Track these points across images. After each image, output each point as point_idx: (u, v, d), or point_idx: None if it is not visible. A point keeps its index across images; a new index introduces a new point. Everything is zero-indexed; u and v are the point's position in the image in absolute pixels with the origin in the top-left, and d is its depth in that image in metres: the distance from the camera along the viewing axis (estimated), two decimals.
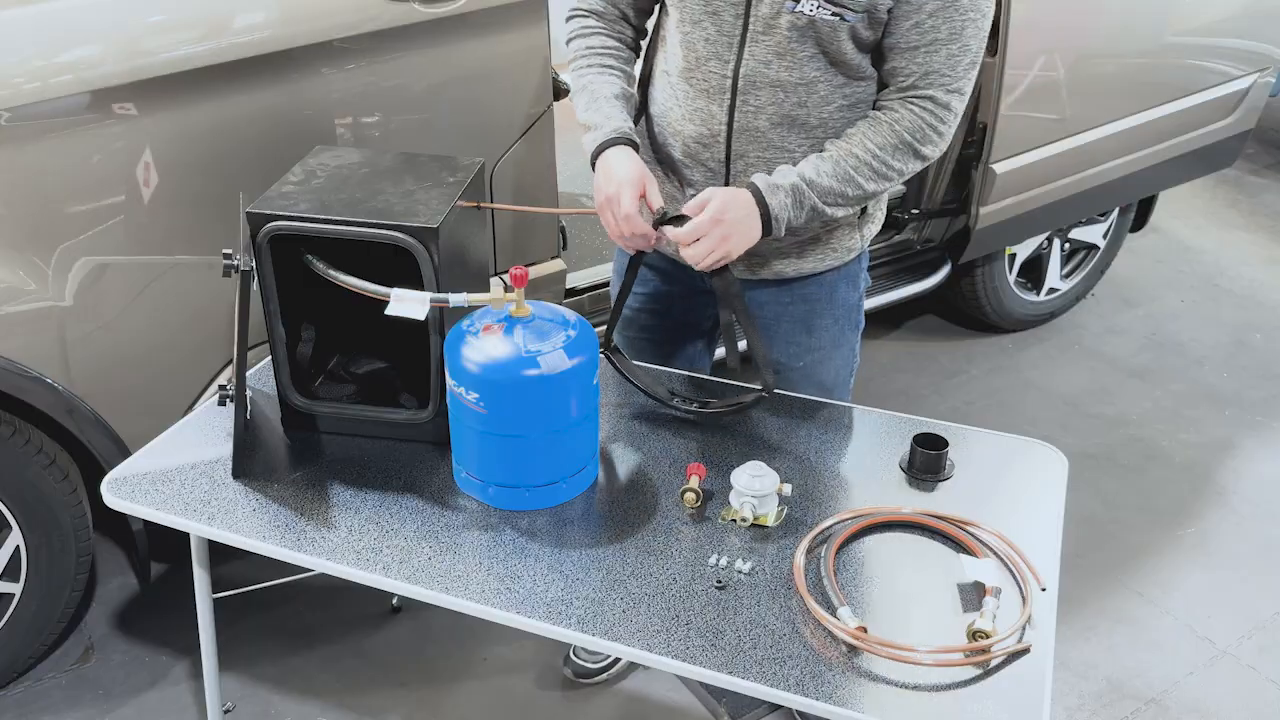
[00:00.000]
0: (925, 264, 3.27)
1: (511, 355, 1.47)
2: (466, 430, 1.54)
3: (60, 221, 1.90)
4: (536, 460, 1.53)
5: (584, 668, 2.25)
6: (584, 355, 1.51)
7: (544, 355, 1.47)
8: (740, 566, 1.45)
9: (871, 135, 1.56)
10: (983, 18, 1.51)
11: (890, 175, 1.58)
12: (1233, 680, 2.34)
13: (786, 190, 1.56)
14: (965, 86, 1.55)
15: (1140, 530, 2.76)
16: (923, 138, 1.56)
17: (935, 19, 1.49)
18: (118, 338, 2.01)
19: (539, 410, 1.50)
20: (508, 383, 1.47)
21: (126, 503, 1.57)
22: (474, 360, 1.48)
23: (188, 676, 2.26)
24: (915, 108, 1.55)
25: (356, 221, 1.54)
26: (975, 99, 2.92)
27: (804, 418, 1.78)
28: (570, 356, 1.49)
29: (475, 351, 1.48)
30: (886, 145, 1.56)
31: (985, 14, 1.51)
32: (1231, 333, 3.70)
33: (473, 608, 1.40)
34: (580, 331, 1.53)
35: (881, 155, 1.56)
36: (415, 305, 1.49)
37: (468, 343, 1.49)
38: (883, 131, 1.56)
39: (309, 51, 2.01)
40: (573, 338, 1.51)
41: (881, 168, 1.57)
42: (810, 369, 1.85)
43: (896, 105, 1.57)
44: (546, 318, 1.54)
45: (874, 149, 1.56)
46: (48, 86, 1.80)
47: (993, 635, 1.31)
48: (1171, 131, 3.29)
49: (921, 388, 3.35)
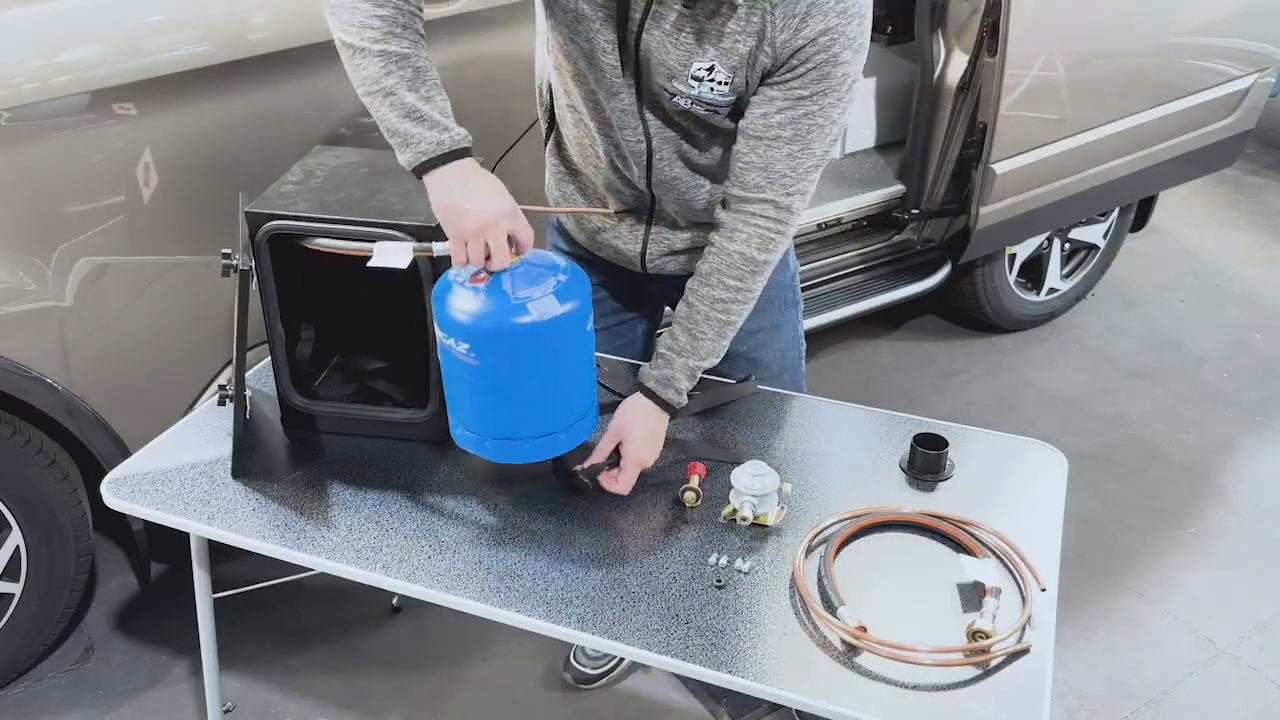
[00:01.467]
0: (925, 264, 3.27)
1: (501, 303, 1.40)
2: (459, 384, 1.48)
3: (60, 221, 1.90)
4: (533, 410, 1.47)
5: (584, 673, 2.25)
6: (576, 300, 1.44)
7: (534, 301, 1.40)
8: (740, 566, 1.45)
9: (728, 272, 1.56)
10: (831, 124, 1.48)
11: (754, 297, 1.60)
12: (1233, 680, 2.33)
13: (683, 376, 1.61)
14: (806, 188, 1.53)
15: (1140, 530, 2.76)
16: (766, 246, 1.55)
17: (782, 116, 1.47)
18: (118, 338, 2.01)
19: (531, 358, 1.43)
20: (498, 332, 1.40)
21: (126, 503, 1.57)
22: (462, 310, 1.40)
23: (188, 676, 2.26)
24: (756, 221, 1.54)
25: (355, 221, 1.55)
26: (975, 99, 2.92)
27: (804, 418, 1.79)
28: (562, 302, 1.42)
29: (463, 300, 1.41)
30: (744, 275, 1.56)
31: (834, 121, 1.48)
32: (1231, 333, 3.70)
33: (473, 607, 1.40)
34: (571, 276, 1.46)
35: (743, 286, 1.57)
36: (398, 255, 1.44)
37: (455, 292, 1.41)
38: (736, 263, 1.56)
39: (309, 51, 2.01)
40: (563, 282, 1.44)
41: (745, 295, 1.59)
42: (753, 352, 1.85)
43: (740, 224, 1.54)
44: (536, 263, 1.46)
45: (734, 284, 1.57)
46: (48, 86, 1.81)
47: (993, 635, 1.31)
48: (1171, 131, 3.29)
49: (921, 388, 3.35)
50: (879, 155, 3.49)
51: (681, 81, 1.49)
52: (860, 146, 3.52)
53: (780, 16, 1.40)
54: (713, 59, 1.46)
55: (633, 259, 1.77)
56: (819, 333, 3.12)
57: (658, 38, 1.47)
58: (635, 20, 1.47)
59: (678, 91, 1.51)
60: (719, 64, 1.46)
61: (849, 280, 3.20)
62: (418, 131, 1.37)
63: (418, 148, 1.38)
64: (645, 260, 1.77)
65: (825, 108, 1.46)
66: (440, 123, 1.38)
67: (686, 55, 1.47)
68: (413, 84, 1.37)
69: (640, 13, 1.46)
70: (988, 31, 2.80)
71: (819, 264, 3.12)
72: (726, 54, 1.45)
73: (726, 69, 1.46)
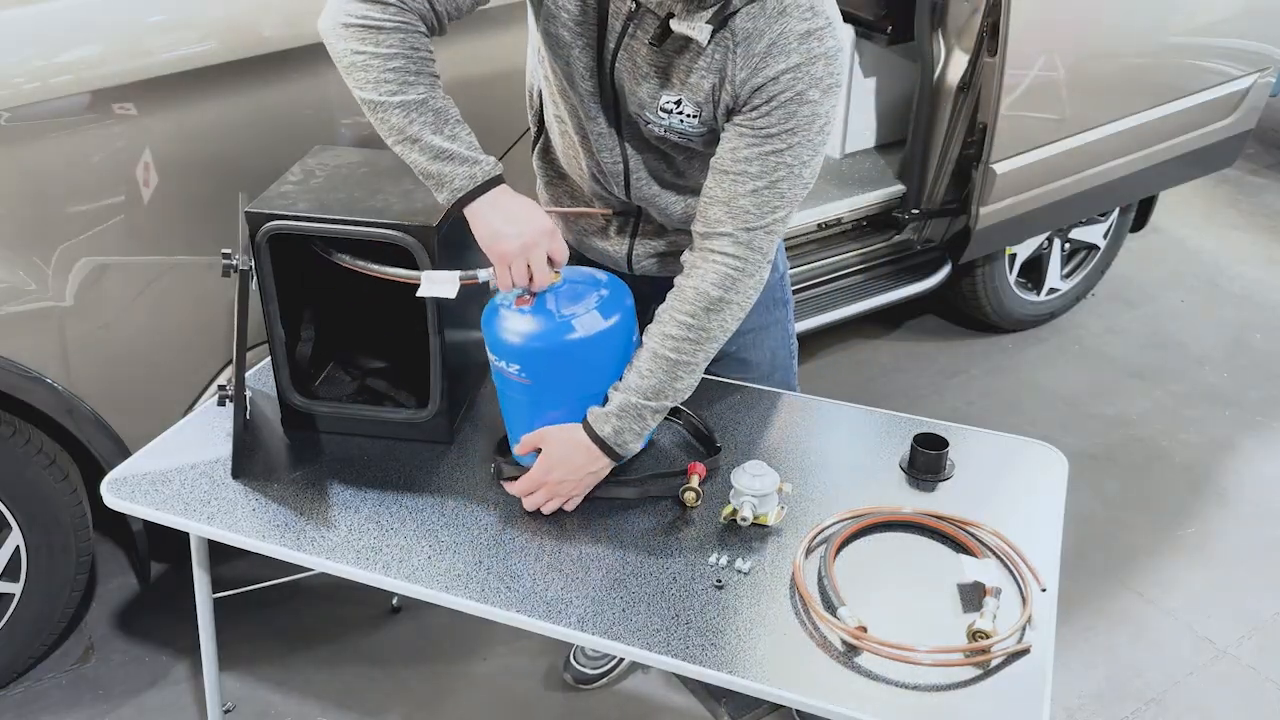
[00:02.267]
0: (925, 264, 3.27)
1: (547, 323, 1.48)
2: (513, 403, 1.56)
3: (60, 221, 1.90)
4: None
5: (584, 673, 2.25)
6: (619, 313, 1.52)
7: (579, 318, 1.48)
8: (740, 566, 1.45)
9: (680, 308, 1.49)
10: (802, 166, 1.44)
11: (715, 336, 1.51)
12: (1233, 680, 2.33)
13: (616, 414, 1.49)
14: (773, 227, 1.48)
15: (1140, 530, 2.76)
16: (730, 286, 1.48)
17: (749, 152, 1.43)
18: (118, 338, 2.01)
19: (581, 373, 1.50)
20: (547, 350, 1.48)
21: (126, 503, 1.57)
22: (511, 332, 1.49)
23: (188, 676, 2.26)
24: (717, 259, 1.48)
25: (356, 221, 1.55)
26: (975, 99, 2.92)
27: (804, 418, 1.79)
28: (605, 316, 1.50)
29: (511, 323, 1.49)
30: (698, 311, 1.48)
31: (805, 164, 1.44)
32: (1231, 333, 3.70)
33: (473, 607, 1.40)
34: (612, 290, 1.54)
35: (696, 324, 1.49)
36: (446, 285, 1.47)
37: (502, 316, 1.51)
38: (689, 299, 1.49)
39: (309, 51, 2.01)
40: (605, 297, 1.52)
41: (700, 334, 1.49)
42: (742, 353, 1.84)
43: (700, 262, 1.49)
44: (577, 280, 1.55)
45: (687, 320, 1.48)
46: (48, 86, 1.80)
47: (993, 635, 1.31)
48: (1172, 131, 3.29)
49: (921, 388, 3.35)
50: (879, 155, 3.49)
51: (652, 112, 1.50)
52: (860, 146, 3.52)
53: (741, 55, 1.40)
54: (678, 94, 1.47)
55: (620, 261, 1.78)
56: (819, 333, 3.13)
57: (628, 69, 1.48)
58: (609, 50, 1.48)
59: (650, 120, 1.52)
60: (685, 98, 1.47)
61: (849, 280, 3.20)
62: (449, 170, 1.40)
63: (452, 185, 1.41)
64: (632, 262, 1.77)
65: (794, 147, 1.42)
66: (469, 157, 1.41)
67: (655, 89, 1.48)
68: (436, 126, 1.39)
69: (614, 44, 1.47)
70: (988, 31, 2.80)
71: (819, 264, 3.12)
72: (692, 89, 1.46)
73: (692, 104, 1.47)
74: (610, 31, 1.46)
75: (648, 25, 1.43)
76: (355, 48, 1.37)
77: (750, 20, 1.39)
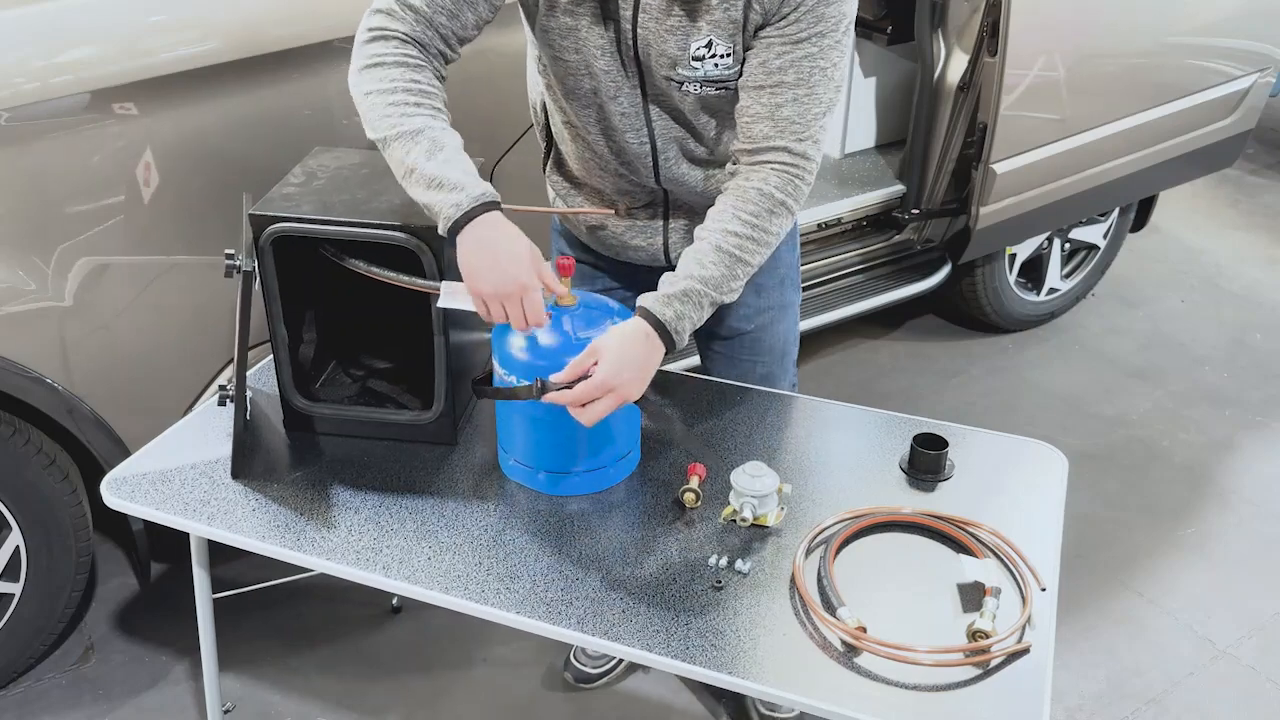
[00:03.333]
0: (925, 264, 3.28)
1: (562, 343, 1.49)
2: (516, 418, 1.56)
3: (60, 221, 1.90)
4: (585, 446, 1.56)
5: (584, 673, 2.25)
6: None
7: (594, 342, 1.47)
8: (740, 566, 1.45)
9: (743, 207, 1.48)
10: (833, 67, 1.45)
11: (770, 241, 1.50)
12: (1233, 680, 2.34)
13: (679, 297, 1.46)
14: (819, 135, 1.48)
15: (1140, 530, 2.76)
16: (791, 191, 1.49)
17: (782, 60, 1.44)
18: (118, 338, 2.01)
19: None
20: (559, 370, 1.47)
21: (126, 503, 1.57)
22: (526, 350, 1.50)
23: (188, 676, 2.26)
24: (774, 167, 1.48)
25: (360, 223, 1.55)
26: (975, 99, 2.92)
27: (804, 418, 1.79)
28: None
29: (526, 341, 1.50)
30: (760, 212, 1.47)
31: (835, 65, 1.45)
32: (1231, 333, 3.70)
33: (473, 608, 1.40)
34: (624, 318, 1.54)
35: (759, 224, 1.48)
36: (465, 296, 1.47)
37: (517, 333, 1.51)
38: (751, 198, 1.47)
39: (309, 51, 2.01)
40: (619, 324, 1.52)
41: (761, 235, 1.48)
42: (760, 332, 1.85)
43: (756, 169, 1.49)
44: (592, 306, 1.57)
45: (750, 219, 1.47)
46: (48, 86, 1.81)
47: (993, 635, 1.31)
48: (1172, 131, 3.29)
49: (921, 388, 3.35)
50: (879, 155, 3.49)
51: (684, 66, 1.49)
52: (860, 146, 3.52)
53: None
54: (708, 34, 1.45)
55: (656, 254, 1.77)
56: (819, 333, 3.13)
57: (652, 28, 1.47)
58: (626, 17, 1.47)
59: (684, 79, 1.50)
60: (715, 37, 1.46)
61: (849, 280, 3.20)
62: (439, 199, 1.38)
63: (442, 214, 1.39)
64: (669, 252, 1.76)
65: (825, 49, 1.43)
66: (459, 183, 1.38)
67: (683, 38, 1.46)
68: (430, 153, 1.38)
69: (630, 8, 1.46)
70: (988, 31, 2.80)
71: (819, 264, 3.12)
72: (719, 25, 1.45)
73: (725, 39, 1.46)
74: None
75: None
76: (364, 89, 1.40)
77: None
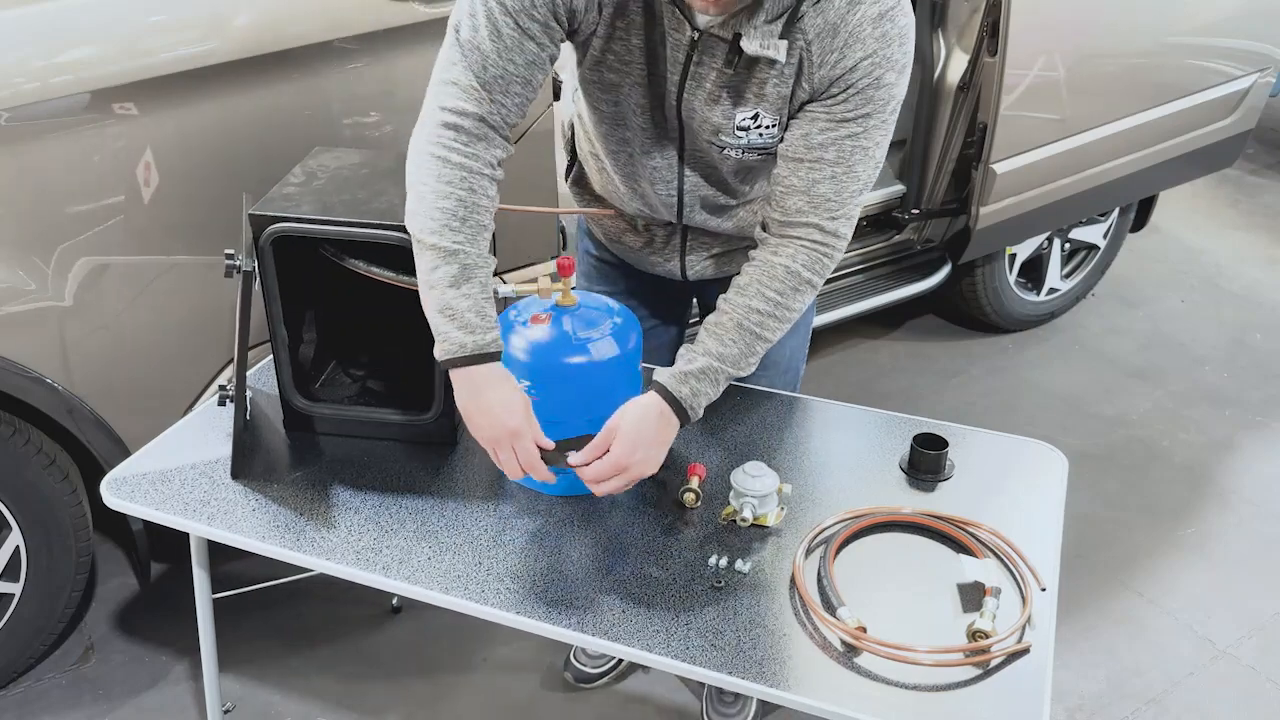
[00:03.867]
0: (925, 264, 3.28)
1: (563, 343, 1.50)
2: None
3: (60, 221, 1.90)
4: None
5: (584, 672, 2.25)
6: (631, 341, 1.55)
7: (594, 342, 1.51)
8: (740, 566, 1.45)
9: (768, 284, 1.48)
10: (875, 147, 1.43)
11: (791, 317, 1.51)
12: (1233, 680, 2.33)
13: (695, 375, 1.46)
14: (851, 213, 1.48)
15: (1140, 530, 2.76)
16: (817, 269, 1.49)
17: (824, 137, 1.42)
18: (118, 338, 2.01)
19: (590, 396, 1.51)
20: (561, 370, 1.50)
21: (126, 503, 1.57)
22: (526, 349, 1.51)
23: (188, 676, 2.26)
24: (804, 244, 1.47)
25: (360, 223, 1.55)
26: (975, 99, 2.93)
27: (804, 418, 1.79)
28: (619, 343, 1.53)
29: (526, 340, 1.51)
30: (786, 290, 1.48)
31: (878, 145, 1.44)
32: (1231, 333, 3.70)
33: (473, 608, 1.40)
34: (625, 319, 1.58)
35: (783, 301, 1.48)
36: None
37: (517, 332, 1.53)
38: (778, 276, 1.47)
39: (309, 51, 2.01)
40: (619, 324, 1.55)
41: (784, 313, 1.49)
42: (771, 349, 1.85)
43: (785, 244, 1.48)
44: (592, 306, 1.58)
45: (774, 297, 1.47)
46: (48, 86, 1.80)
47: (992, 635, 1.31)
48: (1172, 131, 3.29)
49: (921, 388, 3.35)
50: None
51: (728, 134, 1.49)
52: None
53: (817, 51, 1.38)
54: (754, 106, 1.45)
55: (673, 271, 1.80)
56: (819, 333, 3.12)
57: (700, 99, 1.46)
58: (673, 84, 1.46)
59: (726, 144, 1.51)
60: (761, 110, 1.45)
61: (849, 280, 3.20)
62: (447, 330, 1.39)
63: (445, 344, 1.40)
64: (686, 271, 1.79)
65: (869, 130, 1.42)
66: (472, 324, 1.39)
67: (729, 109, 1.46)
68: (456, 280, 1.38)
69: (679, 76, 1.45)
70: (988, 31, 2.80)
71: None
72: (768, 99, 1.44)
73: (772, 112, 1.46)
74: (671, 63, 1.44)
75: (715, 50, 1.41)
76: (421, 177, 1.38)
77: (820, 15, 1.36)
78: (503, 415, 1.41)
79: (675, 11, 1.38)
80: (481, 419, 1.42)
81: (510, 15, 1.34)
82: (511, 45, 1.36)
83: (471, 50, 1.36)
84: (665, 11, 1.39)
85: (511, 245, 2.40)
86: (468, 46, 1.36)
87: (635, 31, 1.42)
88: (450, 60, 1.38)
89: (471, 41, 1.36)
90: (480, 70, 1.36)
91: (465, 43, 1.37)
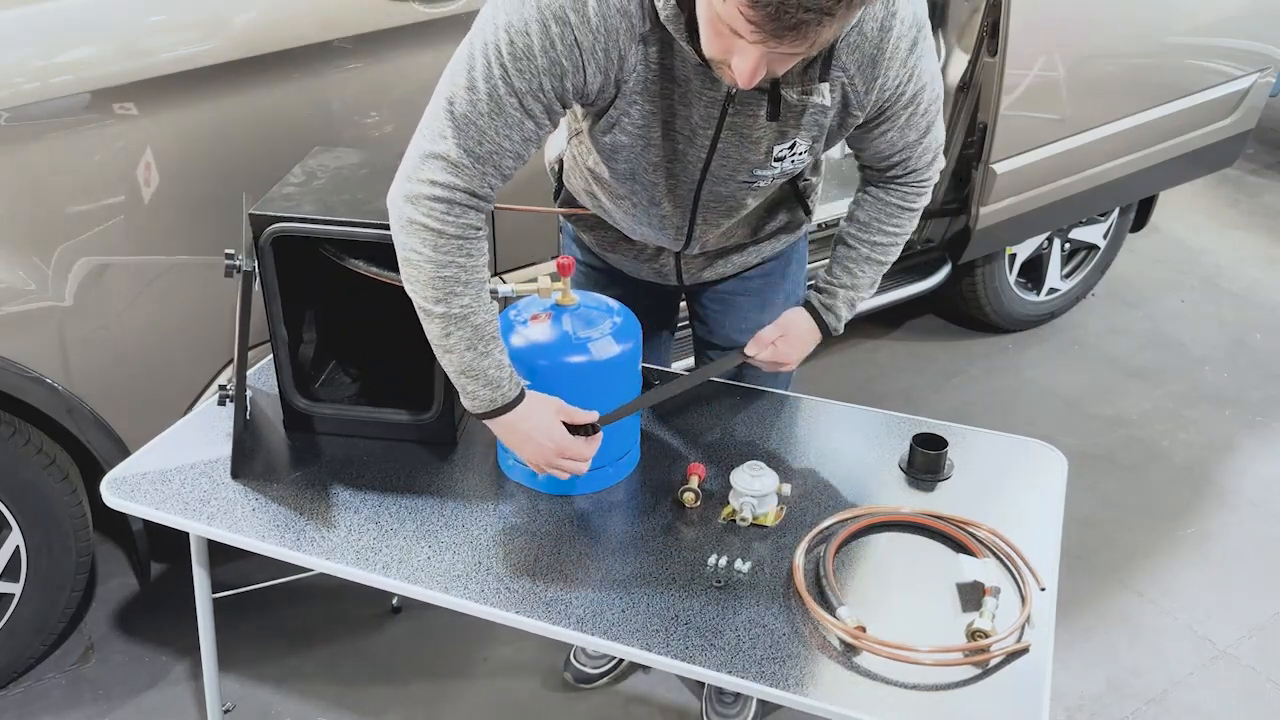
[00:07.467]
0: (925, 264, 3.27)
1: (563, 342, 1.51)
2: None
3: (60, 221, 1.90)
4: None
5: (584, 673, 2.25)
6: (631, 341, 1.56)
7: (594, 342, 1.51)
8: (740, 566, 1.45)
9: (886, 220, 1.67)
10: (937, 99, 1.54)
11: (907, 234, 1.70)
12: (1233, 680, 2.33)
13: (845, 307, 1.73)
14: (940, 146, 1.63)
15: (1140, 530, 2.76)
16: (921, 194, 1.67)
17: (903, 127, 1.52)
18: (118, 338, 2.01)
19: (590, 395, 1.51)
20: (561, 369, 1.50)
21: (126, 503, 1.57)
22: (526, 349, 1.51)
23: (188, 676, 2.26)
24: (909, 179, 1.63)
25: (360, 223, 1.55)
26: (975, 99, 2.92)
27: (803, 417, 1.79)
28: (619, 342, 1.53)
29: (526, 339, 1.52)
30: (901, 221, 1.67)
31: (938, 96, 1.54)
32: (1231, 333, 3.70)
33: (472, 608, 1.40)
34: (625, 319, 1.58)
35: (897, 230, 1.68)
36: None
37: (517, 331, 1.53)
38: (890, 211, 1.66)
39: (309, 51, 2.01)
40: (619, 324, 1.56)
41: (901, 238, 1.69)
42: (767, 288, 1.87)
43: (891, 183, 1.65)
44: (592, 305, 1.59)
45: (891, 229, 1.67)
46: (48, 86, 1.80)
47: (992, 635, 1.31)
48: (1172, 131, 3.29)
49: (921, 388, 3.35)
50: None
51: (763, 168, 1.50)
52: None
53: (862, 83, 1.40)
54: (793, 138, 1.46)
55: (669, 277, 1.81)
56: None
57: (735, 145, 1.46)
58: (703, 140, 1.45)
59: (759, 177, 1.52)
60: (799, 140, 1.46)
61: None
62: (473, 388, 1.43)
63: (473, 401, 1.45)
64: (682, 276, 1.80)
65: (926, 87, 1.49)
66: (494, 379, 1.43)
67: (769, 145, 1.46)
68: (471, 341, 1.40)
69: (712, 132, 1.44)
70: (988, 31, 2.80)
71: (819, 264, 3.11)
72: (805, 128, 1.45)
73: (807, 140, 1.47)
74: (703, 120, 1.42)
75: (752, 102, 1.40)
76: (415, 246, 1.36)
77: (854, 49, 1.36)
78: (542, 440, 1.47)
79: (706, 74, 1.36)
80: (525, 448, 1.48)
81: (515, 95, 1.30)
82: (511, 123, 1.32)
83: (467, 125, 1.31)
84: (693, 75, 1.37)
85: (511, 245, 2.40)
86: (463, 121, 1.31)
87: (654, 98, 1.40)
88: (439, 132, 1.32)
89: (468, 117, 1.31)
90: (475, 145, 1.32)
91: (460, 117, 1.31)
